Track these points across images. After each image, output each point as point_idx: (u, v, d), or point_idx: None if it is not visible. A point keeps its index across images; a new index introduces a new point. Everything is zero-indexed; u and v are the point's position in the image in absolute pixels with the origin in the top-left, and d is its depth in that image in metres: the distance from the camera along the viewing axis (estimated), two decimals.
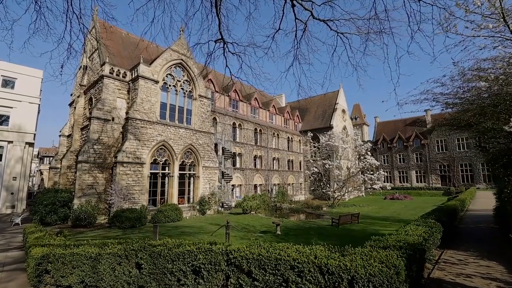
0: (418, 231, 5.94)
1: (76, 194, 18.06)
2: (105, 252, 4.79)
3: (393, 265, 3.69)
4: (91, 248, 4.97)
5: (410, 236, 5.36)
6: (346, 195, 32.16)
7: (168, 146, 21.91)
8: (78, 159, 18.73)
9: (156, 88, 21.77)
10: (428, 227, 6.54)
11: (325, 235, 14.23)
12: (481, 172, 46.30)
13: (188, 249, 4.68)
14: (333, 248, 4.57)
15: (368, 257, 3.98)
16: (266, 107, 39.25)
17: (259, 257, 4.38)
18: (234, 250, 4.57)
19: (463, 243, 8.52)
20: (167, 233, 14.70)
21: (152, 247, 4.90)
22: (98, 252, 4.85)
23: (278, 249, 4.55)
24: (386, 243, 4.80)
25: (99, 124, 19.75)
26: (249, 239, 13.19)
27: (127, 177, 19.03)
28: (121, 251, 4.82)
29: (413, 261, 4.44)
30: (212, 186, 25.08)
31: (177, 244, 4.98)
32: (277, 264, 4.26)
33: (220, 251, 4.60)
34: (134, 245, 4.90)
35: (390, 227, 16.75)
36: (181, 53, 24.07)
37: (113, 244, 5.14)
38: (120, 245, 4.99)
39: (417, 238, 5.25)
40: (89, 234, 14.36)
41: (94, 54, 23.50)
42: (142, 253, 4.77)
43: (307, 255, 4.19)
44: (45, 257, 5.36)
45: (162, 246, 4.90)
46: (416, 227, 6.40)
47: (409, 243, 4.73)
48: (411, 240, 5.01)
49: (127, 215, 16.74)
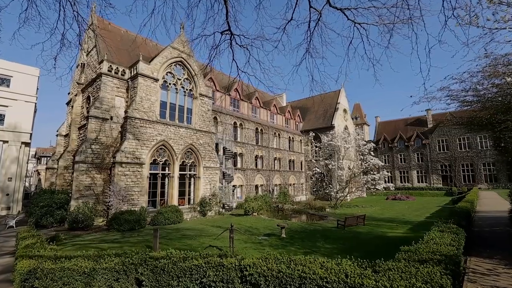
0: (445, 239, 5.41)
1: (73, 196, 17.46)
2: (100, 266, 4.21)
3: (439, 286, 3.16)
4: (85, 261, 4.38)
5: (442, 246, 4.82)
6: (348, 195, 31.65)
7: (168, 146, 21.33)
8: (75, 159, 18.12)
9: (155, 86, 21.18)
10: (453, 234, 6.02)
11: (332, 238, 13.71)
12: (483, 172, 45.98)
13: (195, 263, 4.12)
14: (363, 263, 4.00)
15: (408, 275, 3.42)
16: (267, 107, 38.70)
17: (279, 274, 3.80)
18: (249, 265, 4.00)
19: (485, 249, 8.03)
20: (167, 236, 14.18)
21: (155, 260, 4.33)
22: (92, 266, 4.25)
23: (300, 264, 3.96)
24: (421, 255, 4.25)
25: (97, 123, 19.14)
26: (253, 243, 12.67)
27: (126, 178, 18.44)
28: (119, 265, 4.24)
29: (456, 277, 3.91)
30: (213, 187, 24.52)
31: (183, 257, 4.41)
32: (301, 284, 3.66)
33: (233, 266, 4.03)
34: (133, 258, 4.33)
35: (397, 229, 16.28)
36: (181, 50, 23.49)
37: (110, 256, 4.56)
38: (117, 258, 4.42)
39: (450, 248, 4.72)
40: (87, 238, 13.78)
41: (92, 52, 22.88)
42: (143, 268, 4.21)
43: (336, 272, 3.60)
44: (32, 272, 4.66)
45: (166, 259, 4.33)
46: (441, 234, 5.88)
47: (446, 255, 4.19)
48: (446, 251, 4.47)
49: (126, 218, 16.15)
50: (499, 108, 7.88)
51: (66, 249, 10.57)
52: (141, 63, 20.28)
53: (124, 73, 21.19)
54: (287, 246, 11.90)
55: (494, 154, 44.89)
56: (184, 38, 24.08)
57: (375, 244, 12.52)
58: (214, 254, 4.66)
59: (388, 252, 11.13)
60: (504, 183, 43.61)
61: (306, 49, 6.89)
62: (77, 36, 5.99)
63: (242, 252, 10.74)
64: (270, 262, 4.00)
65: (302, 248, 11.52)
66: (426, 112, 55.43)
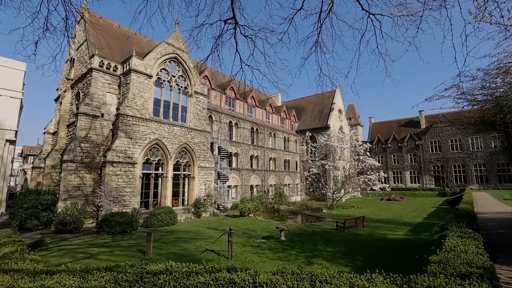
0: (469, 246, 5.00)
1: (60, 196, 16.56)
2: (88, 285, 3.53)
3: None
4: (69, 278, 3.66)
5: (471, 254, 4.40)
6: (344, 196, 31.42)
7: (162, 145, 20.59)
8: (63, 158, 17.22)
9: (149, 83, 20.41)
10: (474, 239, 5.63)
11: (333, 241, 13.30)
12: (474, 173, 46.58)
13: (201, 280, 3.54)
14: (395, 278, 3.50)
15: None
16: (263, 106, 38.21)
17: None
18: (266, 283, 3.45)
19: (499, 254, 7.70)
20: (161, 239, 13.53)
21: (153, 276, 3.72)
22: (78, 285, 3.56)
23: (325, 281, 3.44)
24: (456, 267, 3.78)
25: (87, 120, 18.27)
26: (252, 246, 12.15)
27: (118, 178, 17.65)
28: (111, 283, 3.58)
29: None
30: (208, 187, 23.87)
31: (186, 272, 3.82)
32: None
33: (246, 285, 3.47)
34: (128, 274, 3.69)
35: (397, 231, 16.01)
36: (176, 47, 22.77)
37: (99, 271, 3.88)
38: (108, 274, 3.76)
39: (481, 258, 4.29)
40: (75, 241, 12.99)
41: (82, 46, 21.93)
42: (139, 286, 3.59)
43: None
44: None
45: (166, 274, 3.73)
46: (462, 240, 5.47)
47: (484, 267, 3.75)
48: (479, 262, 4.04)
49: (117, 220, 15.38)
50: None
51: (51, 255, 9.82)
52: (134, 59, 19.49)
53: (116, 68, 20.35)
54: (287, 250, 11.41)
55: (485, 155, 45.59)
56: (179, 34, 23.36)
57: (377, 247, 12.16)
58: (223, 268, 4.07)
59: (392, 256, 10.80)
60: (494, 184, 44.28)
61: (315, 41, 6.39)
62: (63, 21, 5.35)
63: (241, 257, 10.21)
64: (289, 279, 3.47)
65: (303, 252, 11.06)
66: (419, 113, 55.99)
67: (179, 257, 10.20)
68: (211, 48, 6.72)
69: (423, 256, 8.96)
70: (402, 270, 8.60)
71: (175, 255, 10.46)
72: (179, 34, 23.37)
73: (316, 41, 6.21)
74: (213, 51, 6.79)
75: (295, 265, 9.38)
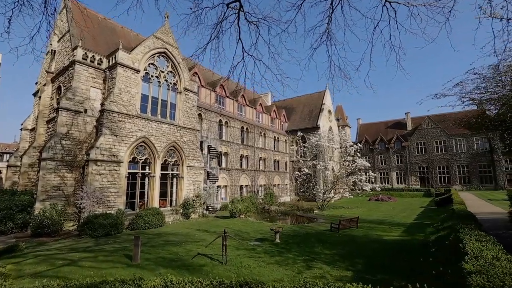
0: (495, 251, 4.64)
1: (38, 197, 15.40)
2: None
3: None
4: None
5: (504, 262, 4.02)
6: (334, 196, 31.37)
7: (149, 143, 19.66)
8: (42, 156, 16.03)
9: (136, 78, 19.44)
10: (493, 244, 5.31)
11: (328, 242, 12.94)
12: (457, 174, 47.87)
13: None
14: None
15: None
16: (253, 105, 37.70)
17: None
18: None
19: None
20: (148, 242, 12.74)
21: None
22: None
23: None
24: (500, 279, 3.35)
25: (68, 116, 17.13)
26: (246, 249, 11.58)
27: (101, 178, 16.62)
28: None
29: None
30: (197, 188, 23.07)
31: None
32: None
33: None
34: None
35: (391, 231, 15.88)
36: (165, 41, 21.88)
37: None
38: None
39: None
40: (53, 246, 11.98)
41: (65, 37, 20.66)
42: None
43: None
44: None
45: None
46: (483, 244, 5.14)
47: None
48: None
49: (100, 222, 14.41)
50: None
51: (26, 263, 8.89)
52: (121, 52, 18.49)
53: (101, 62, 19.26)
54: (283, 253, 10.93)
55: (467, 157, 46.98)
56: (168, 28, 22.49)
57: (373, 249, 11.89)
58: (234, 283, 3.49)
59: (389, 257, 10.52)
60: (476, 185, 45.65)
61: (326, 29, 5.93)
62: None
63: (236, 262, 9.63)
64: None
65: (300, 255, 10.60)
66: (405, 115, 57.22)
67: (169, 262, 9.51)
68: (210, 35, 6.14)
69: (425, 257, 8.70)
70: (404, 273, 8.30)
71: (165, 260, 9.76)
72: (168, 28, 22.49)
73: (327, 30, 5.75)
74: (213, 38, 6.21)
75: (294, 269, 8.91)
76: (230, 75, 6.60)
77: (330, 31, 5.92)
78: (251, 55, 6.39)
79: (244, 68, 6.52)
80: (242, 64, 6.52)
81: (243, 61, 6.50)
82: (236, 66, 6.60)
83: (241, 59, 6.46)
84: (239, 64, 6.56)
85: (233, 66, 6.58)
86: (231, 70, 6.52)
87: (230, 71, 6.51)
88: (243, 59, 6.49)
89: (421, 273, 7.86)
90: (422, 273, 7.92)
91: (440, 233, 12.72)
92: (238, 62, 6.54)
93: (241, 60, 6.50)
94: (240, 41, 6.06)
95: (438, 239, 11.47)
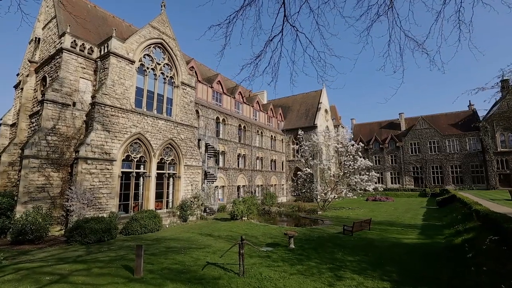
0: None
1: (20, 199, 13.67)
2: None
3: None
4: None
5: None
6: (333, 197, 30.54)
7: (145, 140, 18.15)
8: (24, 153, 14.29)
9: (131, 69, 17.91)
10: None
11: (347, 247, 11.91)
12: (450, 174, 48.22)
13: None
14: None
15: None
16: (250, 103, 36.49)
17: None
18: None
19: None
20: (148, 249, 11.27)
21: None
22: None
23: None
24: None
25: (55, 109, 15.45)
26: (260, 257, 10.39)
27: (92, 177, 15.02)
28: None
29: None
30: (195, 188, 21.66)
31: None
32: None
33: None
34: None
35: (407, 234, 15.03)
36: (162, 31, 20.41)
37: None
38: None
39: None
40: (38, 255, 10.41)
41: (51, 24, 18.85)
42: None
43: None
44: None
45: None
46: None
47: None
48: None
49: (92, 226, 12.85)
50: None
51: (4, 279, 7.35)
52: (114, 40, 16.92)
53: (91, 51, 17.63)
54: (304, 261, 9.79)
55: (460, 157, 47.39)
56: (165, 18, 21.02)
57: (399, 254, 10.92)
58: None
59: (421, 264, 9.51)
60: (469, 185, 46.08)
61: None
62: None
63: (254, 272, 8.42)
64: None
65: (323, 263, 9.49)
66: (399, 116, 57.43)
67: (177, 275, 8.20)
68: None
69: (462, 263, 7.69)
70: (453, 285, 7.18)
71: (171, 272, 8.43)
72: (165, 17, 21.03)
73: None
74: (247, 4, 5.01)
75: (323, 281, 7.79)
76: (265, 49, 5.40)
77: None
78: (293, 25, 5.23)
79: (281, 41, 5.37)
80: (280, 37, 5.35)
81: (281, 34, 5.33)
82: (272, 40, 5.43)
83: (280, 31, 5.29)
84: (276, 37, 5.36)
85: (269, 39, 5.41)
86: (267, 43, 5.32)
87: (266, 45, 5.31)
88: (282, 32, 5.32)
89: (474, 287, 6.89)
90: (473, 286, 6.95)
91: (464, 236, 11.92)
92: (274, 35, 5.37)
93: (279, 33, 5.32)
94: (284, 5, 4.88)
95: (468, 243, 10.63)
